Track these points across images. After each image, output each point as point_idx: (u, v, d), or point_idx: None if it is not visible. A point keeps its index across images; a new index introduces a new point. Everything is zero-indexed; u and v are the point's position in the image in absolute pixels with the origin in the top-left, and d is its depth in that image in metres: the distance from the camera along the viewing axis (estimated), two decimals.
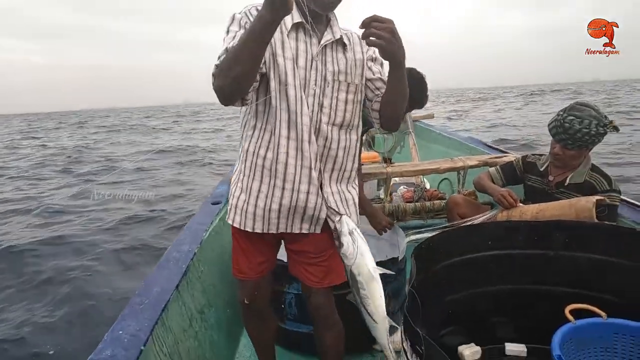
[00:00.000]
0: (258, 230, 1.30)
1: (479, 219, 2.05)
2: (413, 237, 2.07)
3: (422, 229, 2.68)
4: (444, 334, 1.65)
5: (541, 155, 2.36)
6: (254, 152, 1.27)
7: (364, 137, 5.59)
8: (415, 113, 5.50)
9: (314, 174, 1.25)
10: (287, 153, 1.23)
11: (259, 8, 1.00)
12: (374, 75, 1.32)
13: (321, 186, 1.29)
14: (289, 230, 1.32)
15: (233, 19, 1.20)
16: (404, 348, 1.15)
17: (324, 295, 1.39)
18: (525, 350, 1.64)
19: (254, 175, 1.28)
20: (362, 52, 1.31)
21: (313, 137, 1.23)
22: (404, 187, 3.57)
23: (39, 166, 11.53)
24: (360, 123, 1.37)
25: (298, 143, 1.22)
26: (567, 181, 2.12)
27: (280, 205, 1.27)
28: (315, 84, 1.22)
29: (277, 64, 1.18)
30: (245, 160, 1.29)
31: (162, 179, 8.67)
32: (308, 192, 1.26)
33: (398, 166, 2.99)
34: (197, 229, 2.03)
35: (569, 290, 1.58)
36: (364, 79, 1.31)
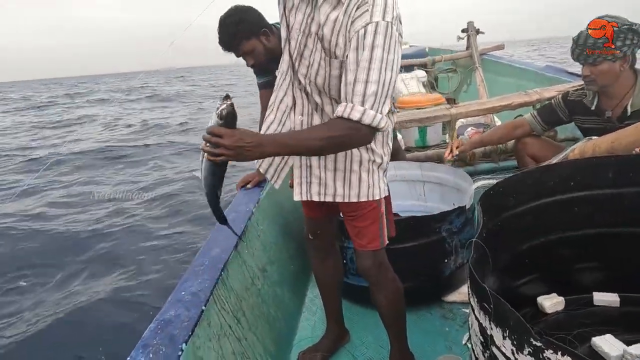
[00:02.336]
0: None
1: (553, 160, 1.82)
2: (480, 183, 1.89)
3: (495, 173, 2.47)
4: (521, 284, 1.52)
5: (583, 88, 2.02)
6: None
7: (425, 79, 5.25)
8: (483, 45, 5.02)
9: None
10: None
11: None
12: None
13: None
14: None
15: None
16: (471, 305, 1.05)
17: (368, 258, 1.32)
18: (618, 300, 1.47)
19: None
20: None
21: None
22: (471, 129, 3.29)
23: None
24: None
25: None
26: (629, 110, 1.82)
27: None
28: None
29: None
30: None
31: None
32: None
33: (463, 106, 2.75)
34: (253, 189, 2.03)
35: None
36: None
